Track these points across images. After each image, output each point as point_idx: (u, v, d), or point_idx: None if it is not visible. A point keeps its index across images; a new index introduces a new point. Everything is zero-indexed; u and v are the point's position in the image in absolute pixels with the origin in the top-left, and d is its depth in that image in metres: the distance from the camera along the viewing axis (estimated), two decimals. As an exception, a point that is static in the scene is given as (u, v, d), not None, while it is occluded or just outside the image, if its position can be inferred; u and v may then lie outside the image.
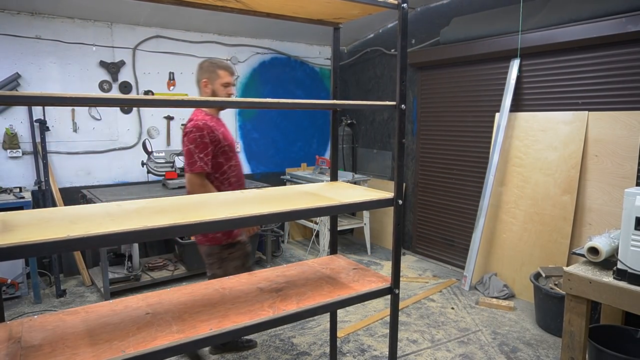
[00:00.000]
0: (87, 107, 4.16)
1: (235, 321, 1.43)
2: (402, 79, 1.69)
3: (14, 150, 3.84)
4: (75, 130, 4.12)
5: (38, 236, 1.10)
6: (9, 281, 3.57)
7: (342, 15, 1.88)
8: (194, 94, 4.65)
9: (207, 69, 2.44)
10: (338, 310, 3.39)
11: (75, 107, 4.09)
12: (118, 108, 4.31)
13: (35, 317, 1.44)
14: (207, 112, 2.41)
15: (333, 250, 2.21)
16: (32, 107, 3.87)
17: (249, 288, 1.72)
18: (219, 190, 2.37)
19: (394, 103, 1.72)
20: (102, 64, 4.19)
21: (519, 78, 3.68)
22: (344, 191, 1.87)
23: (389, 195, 1.76)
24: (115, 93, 4.25)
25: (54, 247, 1.11)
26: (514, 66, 3.67)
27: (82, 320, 1.42)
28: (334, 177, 2.21)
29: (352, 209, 1.76)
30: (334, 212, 1.79)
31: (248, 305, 1.55)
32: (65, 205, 3.72)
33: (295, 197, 1.70)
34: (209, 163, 2.32)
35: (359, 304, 3.34)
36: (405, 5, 1.63)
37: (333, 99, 2.09)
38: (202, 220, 1.31)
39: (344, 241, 5.24)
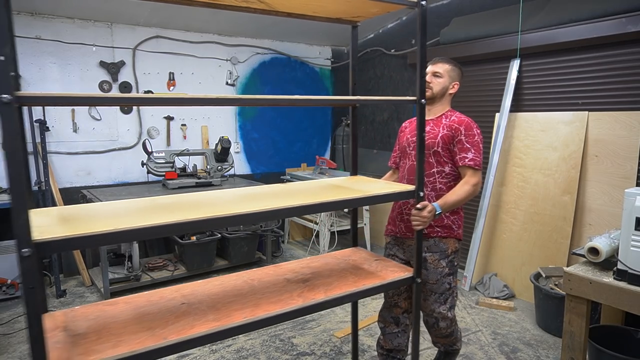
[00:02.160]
0: (87, 107, 4.16)
1: (267, 310, 1.48)
2: (422, 74, 1.74)
3: (14, 151, 3.84)
4: (75, 131, 4.13)
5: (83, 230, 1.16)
6: (9, 281, 3.57)
7: (360, 14, 1.92)
8: (194, 94, 4.66)
9: None
10: (338, 311, 3.41)
11: (75, 107, 4.09)
12: (118, 108, 4.31)
13: (76, 308, 1.54)
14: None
15: (354, 243, 2.31)
16: (32, 107, 3.87)
17: (276, 279, 1.79)
18: None
19: (414, 98, 1.77)
20: (102, 64, 4.19)
21: (519, 78, 3.68)
22: (366, 184, 1.95)
23: (411, 187, 1.82)
24: (115, 93, 4.25)
25: (100, 239, 1.18)
26: (514, 66, 3.67)
27: (122, 311, 1.49)
28: (354, 172, 2.27)
29: (378, 201, 1.84)
30: (363, 204, 1.91)
31: (277, 295, 1.62)
32: (65, 205, 3.72)
33: (320, 191, 1.76)
34: (392, 159, 2.51)
35: (358, 304, 3.34)
36: (424, 2, 1.68)
37: (352, 95, 2.15)
38: (222, 215, 1.35)
39: (344, 241, 5.23)
